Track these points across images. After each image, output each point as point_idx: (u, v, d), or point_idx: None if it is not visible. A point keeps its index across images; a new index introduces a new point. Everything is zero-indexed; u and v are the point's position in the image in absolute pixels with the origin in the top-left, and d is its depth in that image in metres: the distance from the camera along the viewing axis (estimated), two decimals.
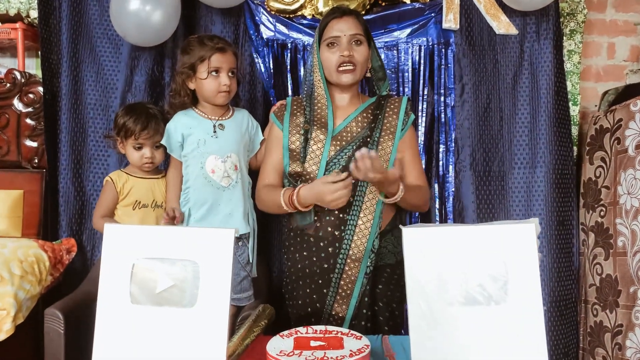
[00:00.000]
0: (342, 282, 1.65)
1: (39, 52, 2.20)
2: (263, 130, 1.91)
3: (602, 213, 2.10)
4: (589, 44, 2.51)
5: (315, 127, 1.72)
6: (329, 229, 1.65)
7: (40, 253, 1.89)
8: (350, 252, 1.64)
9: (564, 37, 2.31)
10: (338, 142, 1.71)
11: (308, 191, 1.58)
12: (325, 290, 1.67)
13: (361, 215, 1.64)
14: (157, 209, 1.90)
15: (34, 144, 2.21)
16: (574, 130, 2.34)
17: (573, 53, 2.34)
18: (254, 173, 1.88)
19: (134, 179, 1.89)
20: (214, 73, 1.73)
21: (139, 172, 1.91)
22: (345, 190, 1.50)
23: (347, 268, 1.65)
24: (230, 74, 1.76)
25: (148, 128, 1.84)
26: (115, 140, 1.91)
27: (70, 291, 1.89)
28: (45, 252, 1.91)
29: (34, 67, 2.53)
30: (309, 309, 1.69)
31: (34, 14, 2.26)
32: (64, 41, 2.16)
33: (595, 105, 2.43)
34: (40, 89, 2.17)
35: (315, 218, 1.65)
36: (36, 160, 2.21)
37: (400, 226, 1.15)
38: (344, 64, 1.69)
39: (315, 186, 1.56)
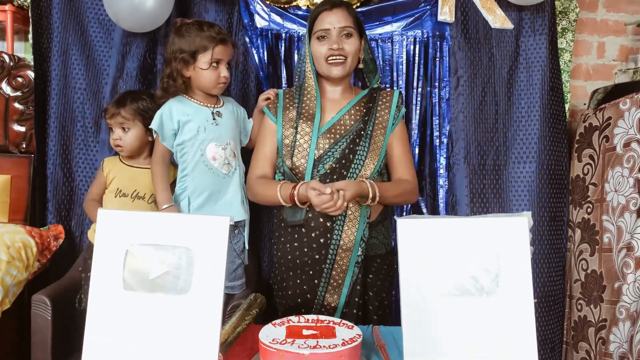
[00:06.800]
0: (333, 272, 1.66)
1: (29, 36, 2.16)
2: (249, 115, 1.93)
3: (588, 210, 2.12)
4: (579, 43, 2.53)
5: (301, 120, 1.72)
6: (320, 220, 1.65)
7: (28, 239, 1.87)
8: (342, 242, 1.65)
9: None
10: (332, 135, 1.70)
11: (304, 190, 1.59)
12: (316, 281, 1.67)
13: (350, 205, 1.65)
14: (137, 200, 1.85)
15: (22, 129, 2.17)
16: None
17: (564, 51, 2.35)
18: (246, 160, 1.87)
19: (120, 166, 1.89)
20: (214, 64, 1.72)
21: (127, 159, 1.91)
22: (327, 203, 1.52)
23: (338, 258, 1.65)
24: (227, 65, 1.76)
25: (117, 110, 1.84)
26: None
27: (58, 278, 1.87)
28: (32, 238, 1.89)
29: (22, 50, 2.49)
30: (299, 300, 1.69)
31: None
32: (54, 25, 2.13)
33: (584, 104, 2.45)
34: (29, 72, 2.14)
35: (309, 214, 1.66)
36: (24, 145, 2.17)
37: (395, 217, 1.15)
38: (333, 57, 1.69)
39: (307, 187, 1.57)
